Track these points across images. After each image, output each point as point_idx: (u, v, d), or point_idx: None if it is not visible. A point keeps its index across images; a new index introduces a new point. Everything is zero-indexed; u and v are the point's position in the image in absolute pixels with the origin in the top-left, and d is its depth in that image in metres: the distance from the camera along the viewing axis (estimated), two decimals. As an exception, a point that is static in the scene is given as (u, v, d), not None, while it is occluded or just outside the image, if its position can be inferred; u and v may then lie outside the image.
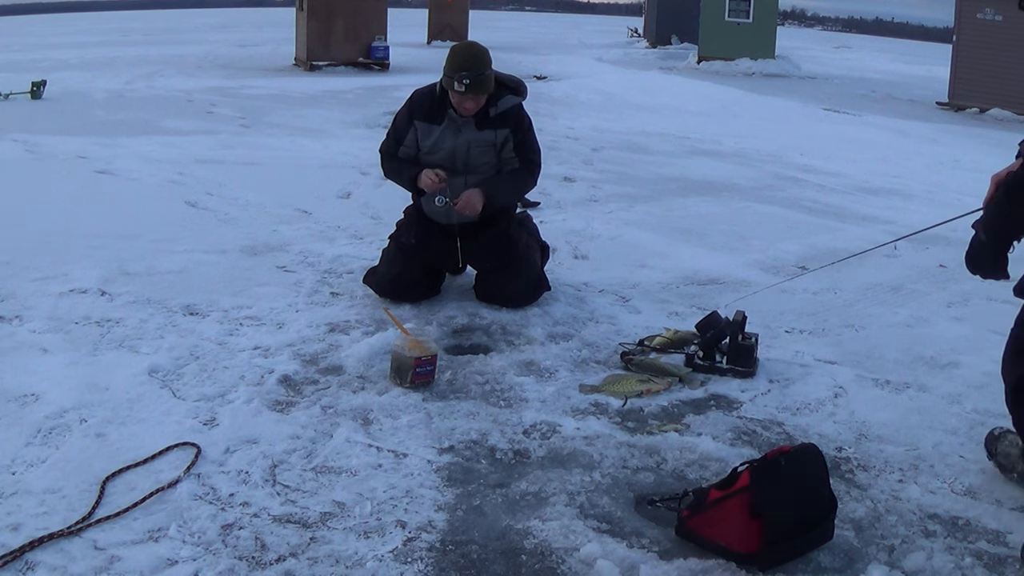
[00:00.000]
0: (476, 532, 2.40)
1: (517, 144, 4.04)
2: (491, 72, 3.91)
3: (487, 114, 3.97)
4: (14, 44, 21.37)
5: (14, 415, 2.89)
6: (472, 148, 3.98)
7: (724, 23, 20.98)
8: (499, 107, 3.99)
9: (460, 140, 3.97)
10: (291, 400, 3.11)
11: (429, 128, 3.99)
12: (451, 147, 3.98)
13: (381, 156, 4.19)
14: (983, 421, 3.20)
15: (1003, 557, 2.39)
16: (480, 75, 3.82)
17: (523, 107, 4.12)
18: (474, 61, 3.84)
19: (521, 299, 4.06)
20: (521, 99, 4.09)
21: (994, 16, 14.87)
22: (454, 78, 3.81)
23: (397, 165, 4.12)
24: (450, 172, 4.00)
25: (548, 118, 11.03)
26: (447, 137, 3.98)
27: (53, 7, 50.99)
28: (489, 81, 3.89)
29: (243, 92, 12.55)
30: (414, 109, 4.03)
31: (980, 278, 2.60)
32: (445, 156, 4.00)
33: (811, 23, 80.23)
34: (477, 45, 4.00)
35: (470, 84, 3.80)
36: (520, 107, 4.08)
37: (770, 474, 2.32)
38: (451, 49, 3.96)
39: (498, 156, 4.05)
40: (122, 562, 2.19)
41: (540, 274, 4.17)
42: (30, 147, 7.54)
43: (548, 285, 4.18)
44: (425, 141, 4.02)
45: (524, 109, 4.12)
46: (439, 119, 3.98)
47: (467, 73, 3.79)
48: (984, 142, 11.33)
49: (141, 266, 4.43)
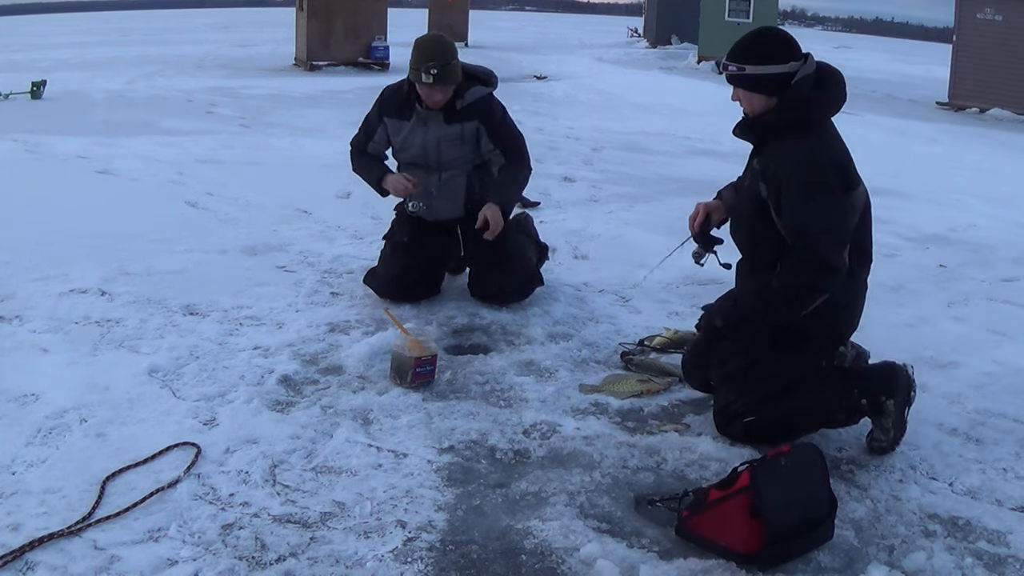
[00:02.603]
0: (476, 532, 2.40)
1: (492, 135, 4.00)
2: (457, 63, 3.87)
3: (454, 107, 3.93)
4: (14, 44, 21.38)
5: (14, 415, 2.90)
6: (442, 143, 3.96)
7: (724, 23, 20.97)
8: (466, 99, 3.94)
9: (429, 136, 3.96)
10: (291, 400, 3.11)
11: (399, 124, 3.99)
12: (422, 142, 3.98)
13: (351, 150, 4.19)
14: (983, 421, 3.20)
15: (1003, 557, 2.39)
16: (447, 65, 3.80)
17: (493, 97, 4.06)
18: (440, 51, 3.81)
19: (513, 293, 4.04)
20: (490, 89, 4.04)
21: (994, 16, 14.86)
22: (420, 70, 3.78)
23: (366, 162, 4.13)
24: (423, 169, 4.01)
25: (548, 118, 11.03)
26: (417, 133, 3.97)
27: (53, 7, 51.01)
28: (455, 71, 3.86)
29: (243, 92, 12.54)
30: (384, 105, 4.03)
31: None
32: (417, 153, 4.00)
33: (811, 23, 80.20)
34: (442, 36, 3.98)
35: (437, 74, 3.77)
36: (488, 97, 4.02)
37: (770, 474, 2.32)
38: (416, 42, 3.92)
39: (475, 150, 4.01)
40: (122, 562, 2.19)
41: (533, 269, 4.15)
42: (30, 147, 7.54)
43: (542, 280, 4.16)
44: (396, 137, 4.03)
45: (494, 99, 4.07)
46: (408, 115, 3.97)
47: (433, 63, 3.76)
48: (984, 142, 11.33)
49: (141, 266, 4.43)
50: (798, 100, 2.80)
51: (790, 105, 2.80)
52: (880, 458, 2.87)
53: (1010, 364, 3.77)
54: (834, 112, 2.87)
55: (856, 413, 2.85)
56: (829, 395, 2.87)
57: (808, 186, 2.73)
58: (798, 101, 2.80)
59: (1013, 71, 14.30)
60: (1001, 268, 5.34)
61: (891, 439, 2.82)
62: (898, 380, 2.81)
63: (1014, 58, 14.30)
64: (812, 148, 2.78)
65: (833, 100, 2.84)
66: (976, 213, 6.92)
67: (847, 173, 2.81)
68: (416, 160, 4.01)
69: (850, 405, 2.83)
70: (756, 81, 2.83)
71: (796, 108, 2.80)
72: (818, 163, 2.76)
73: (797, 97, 2.80)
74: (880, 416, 2.82)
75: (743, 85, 2.87)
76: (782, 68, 2.80)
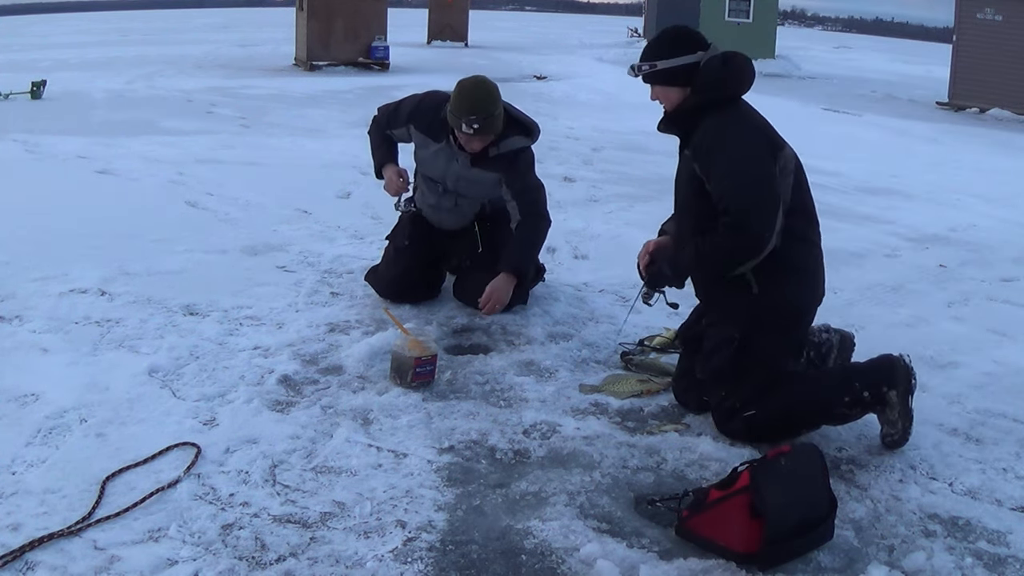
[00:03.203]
0: (476, 532, 2.40)
1: (510, 186, 3.88)
2: (500, 112, 3.72)
3: (487, 153, 3.82)
4: (14, 44, 21.37)
5: (14, 415, 2.89)
6: (461, 181, 3.93)
7: (724, 23, 21.01)
8: (500, 148, 3.82)
9: (451, 170, 3.91)
10: (291, 400, 3.11)
11: (426, 140, 3.93)
12: (443, 172, 3.94)
13: (374, 118, 4.14)
14: (983, 421, 3.20)
15: (1003, 557, 2.39)
16: (489, 117, 3.66)
17: (527, 150, 3.92)
18: (482, 104, 3.65)
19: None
20: (529, 141, 3.92)
21: (994, 16, 14.87)
22: (462, 120, 3.64)
23: (379, 141, 4.10)
24: (440, 186, 3.98)
25: (548, 118, 11.00)
26: (440, 159, 3.91)
27: (53, 7, 51.02)
28: (497, 123, 3.72)
29: (243, 92, 12.55)
30: (417, 116, 3.93)
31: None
32: (437, 175, 3.97)
33: (811, 23, 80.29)
34: (486, 83, 3.75)
35: (479, 128, 3.66)
36: (521, 151, 3.88)
37: (770, 474, 2.32)
38: (458, 86, 3.73)
39: (494, 192, 3.94)
40: (122, 562, 2.19)
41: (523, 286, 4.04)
42: (30, 147, 7.54)
43: (526, 299, 4.05)
44: (420, 150, 4.00)
45: (527, 152, 3.92)
46: (438, 138, 3.88)
47: (475, 117, 3.62)
48: (984, 142, 11.33)
49: (141, 266, 4.43)
50: (710, 80, 2.95)
51: (703, 87, 2.95)
52: (880, 458, 2.87)
53: (1010, 364, 3.77)
54: (745, 89, 3.02)
55: (858, 407, 2.86)
56: (830, 390, 2.88)
57: (733, 148, 2.87)
58: (710, 81, 2.95)
59: (1013, 71, 14.31)
60: (1001, 268, 5.34)
61: (901, 430, 2.83)
62: (897, 370, 2.84)
63: (1014, 58, 14.32)
64: (733, 118, 2.94)
65: (741, 75, 3.00)
66: (976, 213, 6.93)
67: (770, 136, 2.96)
68: (435, 179, 3.99)
69: (852, 399, 2.84)
70: (669, 75, 2.99)
71: (710, 88, 2.95)
72: (740, 128, 2.92)
73: (708, 78, 2.95)
74: (884, 407, 2.83)
75: (658, 81, 3.03)
76: (691, 58, 2.97)
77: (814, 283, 3.02)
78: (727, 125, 2.91)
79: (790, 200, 2.90)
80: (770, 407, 2.88)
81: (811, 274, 3.00)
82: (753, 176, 2.84)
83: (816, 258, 3.02)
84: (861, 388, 2.83)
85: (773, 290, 2.90)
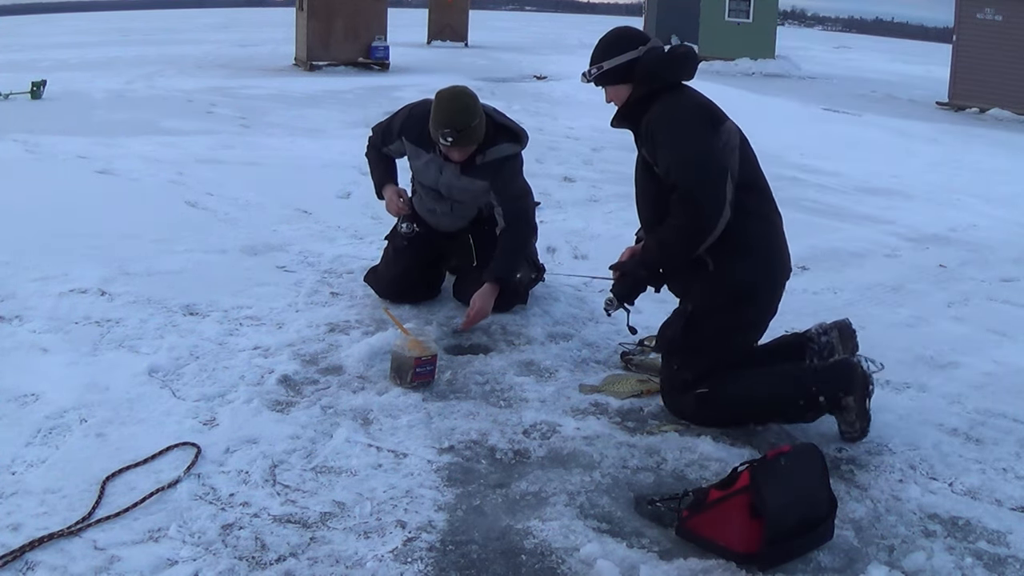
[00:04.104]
0: (476, 532, 2.40)
1: (496, 193, 3.89)
2: (479, 123, 3.72)
3: (474, 161, 3.84)
4: (14, 44, 21.36)
5: (14, 415, 2.89)
6: (453, 189, 3.95)
7: (724, 23, 20.99)
8: (487, 156, 3.83)
9: (443, 179, 3.94)
10: (291, 400, 3.11)
11: (417, 150, 3.96)
12: (434, 181, 3.97)
13: (370, 138, 4.18)
14: (983, 421, 3.20)
15: (1003, 557, 2.39)
16: (466, 128, 3.67)
17: (515, 157, 3.93)
18: (460, 116, 3.66)
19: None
20: (518, 148, 3.93)
21: (994, 16, 14.86)
22: (438, 133, 3.68)
23: (376, 160, 4.14)
24: (435, 193, 4.01)
25: (548, 118, 11.03)
26: (431, 168, 3.94)
27: (53, 7, 51.00)
28: (475, 133, 3.73)
29: (243, 92, 12.54)
30: (406, 126, 3.96)
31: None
32: (431, 183, 4.00)
33: (811, 23, 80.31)
34: (463, 96, 3.74)
35: (455, 141, 3.68)
36: (509, 158, 3.90)
37: (770, 474, 2.32)
38: (436, 97, 3.73)
39: (485, 197, 3.95)
40: (122, 562, 2.19)
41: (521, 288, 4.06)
42: (30, 147, 7.54)
43: (526, 299, 4.08)
44: (413, 161, 4.03)
45: (515, 159, 3.94)
46: (427, 147, 3.91)
47: (450, 131, 3.64)
48: (984, 142, 11.32)
49: (141, 266, 4.43)
50: (651, 68, 3.06)
51: (645, 76, 3.06)
52: (880, 458, 2.87)
53: (1010, 364, 3.77)
54: (687, 75, 3.13)
55: (813, 411, 2.92)
56: (787, 390, 2.94)
57: (673, 126, 2.96)
58: (651, 68, 3.06)
59: (1013, 71, 14.30)
60: (1001, 268, 5.35)
61: (859, 429, 2.92)
62: (855, 377, 2.89)
63: (1014, 58, 14.30)
64: (675, 101, 3.05)
65: (682, 61, 3.11)
66: (976, 213, 6.92)
67: (711, 112, 3.05)
68: (430, 186, 4.02)
69: (807, 402, 2.90)
70: (615, 74, 3.11)
71: (652, 76, 3.06)
72: (681, 107, 3.03)
73: (649, 66, 3.06)
74: (842, 412, 2.90)
75: (607, 82, 3.15)
76: (632, 54, 3.09)
77: (770, 259, 3.03)
78: (668, 108, 3.01)
79: (739, 174, 2.95)
80: (723, 391, 2.94)
81: (766, 250, 3.02)
82: (695, 149, 2.92)
83: (771, 234, 3.05)
84: (818, 393, 2.88)
85: (726, 266, 2.95)
